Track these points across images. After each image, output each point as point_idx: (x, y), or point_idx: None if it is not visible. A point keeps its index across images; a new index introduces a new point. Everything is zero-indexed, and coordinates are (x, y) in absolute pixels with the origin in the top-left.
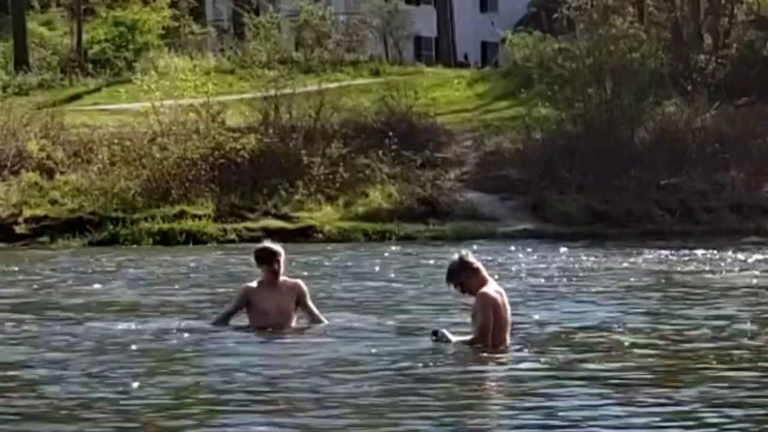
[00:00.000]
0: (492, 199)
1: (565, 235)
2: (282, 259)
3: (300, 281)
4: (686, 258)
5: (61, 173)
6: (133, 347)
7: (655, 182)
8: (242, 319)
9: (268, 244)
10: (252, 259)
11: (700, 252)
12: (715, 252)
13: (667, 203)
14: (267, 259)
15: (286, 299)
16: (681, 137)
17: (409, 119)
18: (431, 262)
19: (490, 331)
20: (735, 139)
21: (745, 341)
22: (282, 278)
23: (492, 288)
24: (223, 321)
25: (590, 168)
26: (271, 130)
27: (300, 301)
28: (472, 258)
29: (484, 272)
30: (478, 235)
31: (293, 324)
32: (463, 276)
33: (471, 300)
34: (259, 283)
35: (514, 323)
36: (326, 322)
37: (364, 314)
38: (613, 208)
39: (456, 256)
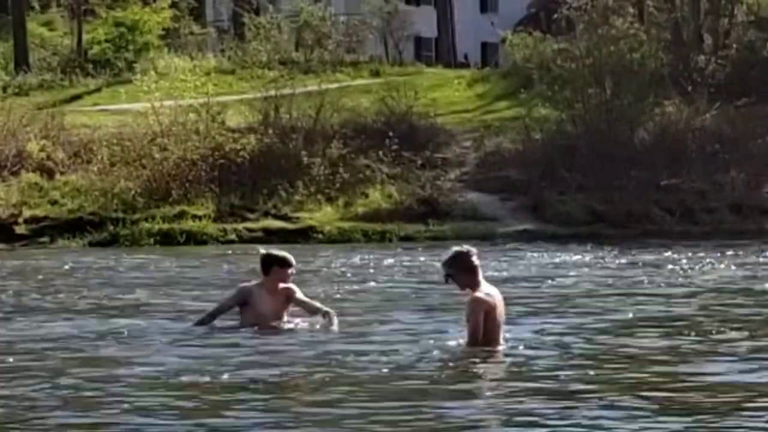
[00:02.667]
0: (492, 199)
1: (565, 235)
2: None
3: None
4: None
5: (61, 173)
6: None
7: (655, 183)
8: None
9: (282, 252)
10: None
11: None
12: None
13: (667, 204)
14: (283, 264)
15: (280, 302)
16: (681, 138)
17: (409, 120)
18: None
19: (480, 336)
20: (735, 139)
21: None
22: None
23: (483, 291)
24: (214, 315)
25: (590, 168)
26: (271, 131)
27: (292, 300)
28: (474, 258)
29: (479, 275)
30: (478, 236)
31: (319, 305)
32: (454, 269)
33: (463, 292)
34: (259, 284)
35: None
36: (325, 308)
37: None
38: (613, 208)
39: (463, 248)
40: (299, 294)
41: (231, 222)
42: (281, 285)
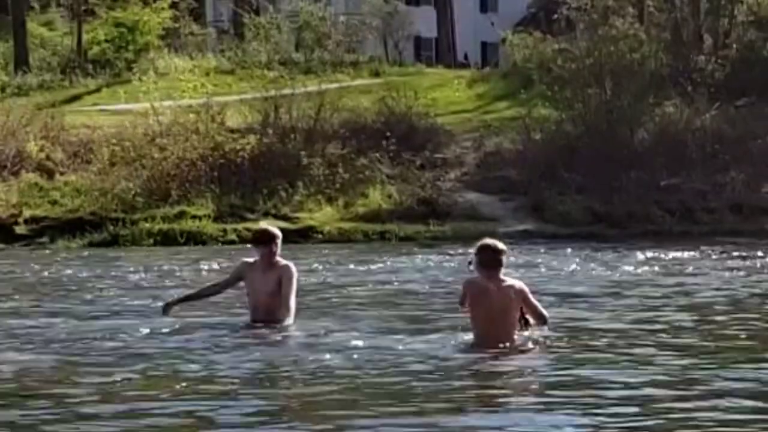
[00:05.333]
0: (492, 199)
1: (565, 235)
2: (278, 241)
3: (290, 264)
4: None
5: (61, 174)
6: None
7: (655, 183)
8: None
9: (265, 226)
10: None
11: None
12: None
13: (667, 204)
14: (264, 241)
15: (272, 280)
16: (681, 138)
17: (409, 120)
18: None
19: (463, 302)
20: (735, 139)
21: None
22: (277, 259)
23: (485, 280)
24: (215, 289)
25: (590, 169)
26: (270, 131)
27: (281, 283)
28: (498, 256)
29: (496, 271)
30: (478, 236)
31: (290, 304)
32: (476, 257)
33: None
34: (255, 261)
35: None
36: (292, 307)
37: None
38: (613, 208)
39: (492, 243)
40: (291, 282)
41: (231, 222)
42: (276, 261)
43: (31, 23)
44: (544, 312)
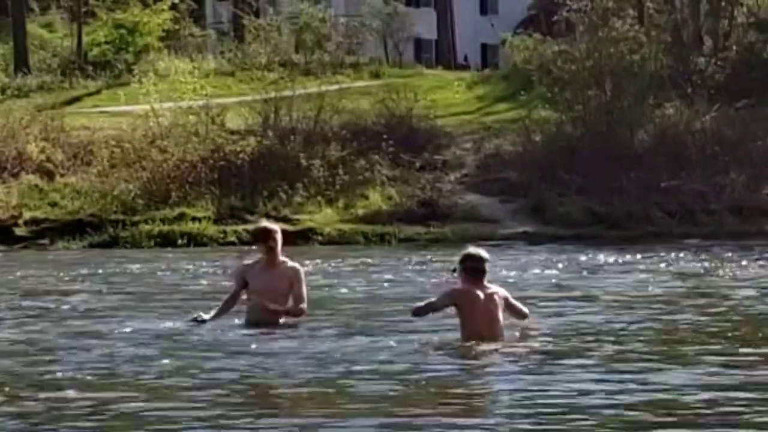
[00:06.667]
0: (492, 201)
1: (565, 237)
2: (278, 237)
3: (298, 266)
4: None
5: (61, 175)
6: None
7: (655, 184)
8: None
9: (265, 223)
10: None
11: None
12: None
13: (667, 205)
14: (263, 237)
15: (280, 280)
16: (681, 139)
17: (409, 121)
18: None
19: (431, 307)
20: (735, 141)
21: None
22: (281, 259)
23: (474, 287)
24: (232, 301)
25: (590, 170)
26: (270, 133)
27: (292, 284)
28: (480, 264)
29: (480, 279)
30: (478, 237)
31: (304, 302)
32: (460, 266)
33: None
34: (256, 261)
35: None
36: (304, 307)
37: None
38: (613, 210)
39: (475, 252)
40: (300, 285)
41: (231, 224)
42: (283, 261)
43: (31, 25)
44: (525, 309)
